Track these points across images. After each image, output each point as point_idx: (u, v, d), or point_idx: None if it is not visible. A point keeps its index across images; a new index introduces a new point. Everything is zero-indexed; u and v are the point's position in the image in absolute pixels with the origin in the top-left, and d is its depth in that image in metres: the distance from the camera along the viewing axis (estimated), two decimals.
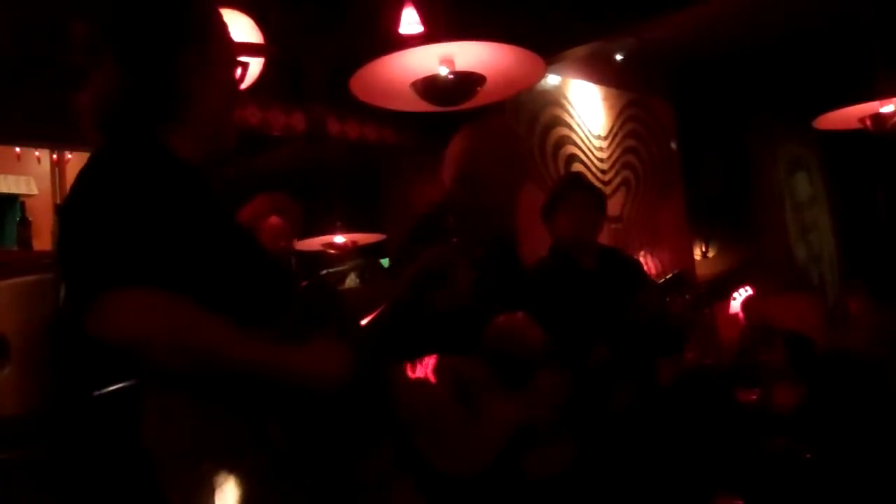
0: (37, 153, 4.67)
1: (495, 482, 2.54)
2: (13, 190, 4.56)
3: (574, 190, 3.49)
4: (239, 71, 1.86)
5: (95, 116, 1.71)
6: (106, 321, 1.46)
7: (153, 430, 1.49)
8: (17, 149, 4.59)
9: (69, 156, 4.69)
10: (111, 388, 1.53)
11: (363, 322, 2.21)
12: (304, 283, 2.07)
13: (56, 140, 4.45)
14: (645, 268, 5.32)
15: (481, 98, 3.82)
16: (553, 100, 6.14)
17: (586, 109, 6.39)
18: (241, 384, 1.55)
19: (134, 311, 1.46)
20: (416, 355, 2.57)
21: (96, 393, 1.56)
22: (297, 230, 3.50)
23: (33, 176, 4.71)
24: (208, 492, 1.51)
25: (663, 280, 3.28)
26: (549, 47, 4.67)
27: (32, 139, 4.41)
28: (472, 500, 2.53)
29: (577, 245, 3.42)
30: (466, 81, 3.67)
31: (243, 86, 3.45)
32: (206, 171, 1.77)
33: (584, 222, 3.43)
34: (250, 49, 2.06)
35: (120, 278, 1.46)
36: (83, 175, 1.65)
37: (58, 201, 4.57)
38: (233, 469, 1.54)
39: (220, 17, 1.82)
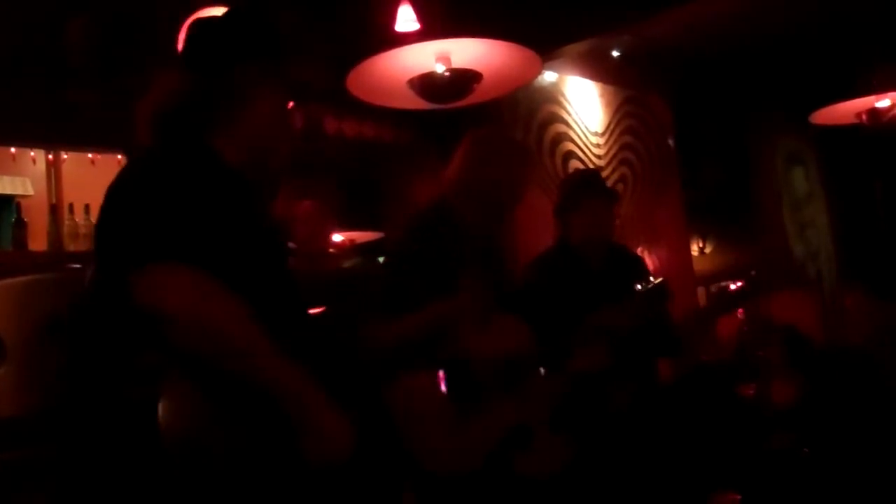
0: (32, 154, 4.64)
1: (490, 482, 2.54)
2: (8, 191, 4.54)
3: (594, 192, 3.43)
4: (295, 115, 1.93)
5: (154, 120, 1.77)
6: (151, 289, 1.49)
7: (170, 420, 1.50)
8: (13, 149, 4.57)
9: (65, 156, 4.67)
10: (132, 388, 1.54)
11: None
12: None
13: (51, 141, 4.44)
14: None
15: (478, 95, 3.82)
16: (550, 96, 6.13)
17: (583, 106, 6.38)
18: (253, 394, 1.55)
19: (175, 283, 1.49)
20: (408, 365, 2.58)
21: (116, 391, 1.57)
22: (331, 216, 3.52)
23: (28, 177, 4.68)
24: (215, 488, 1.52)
25: (644, 289, 3.25)
26: (546, 44, 4.66)
27: (28, 140, 4.39)
28: (467, 500, 2.53)
29: (588, 245, 3.40)
30: (463, 78, 3.67)
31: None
32: (258, 183, 1.83)
33: (601, 226, 3.41)
34: (306, 90, 2.13)
35: (165, 253, 1.51)
36: (137, 163, 1.71)
37: (53, 202, 4.55)
38: (234, 474, 1.54)
39: (286, 46, 1.90)
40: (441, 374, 2.57)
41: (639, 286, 3.19)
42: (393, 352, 2.59)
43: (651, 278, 3.21)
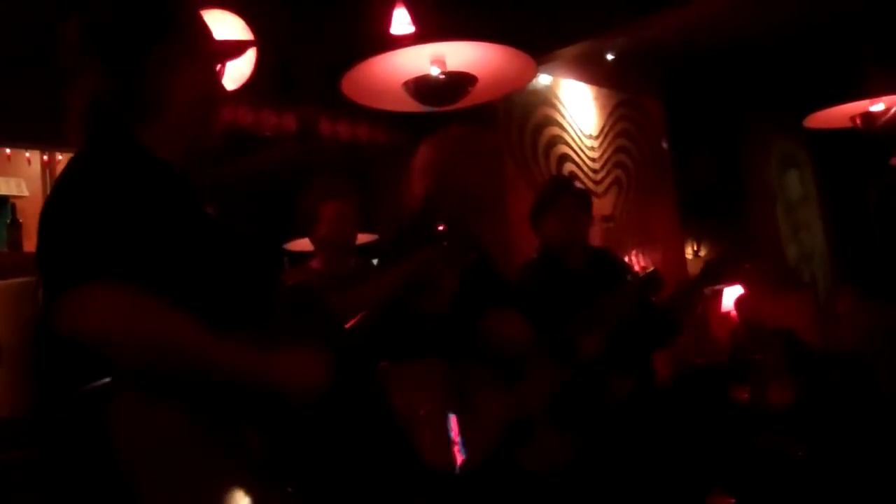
0: (27, 154, 4.65)
1: (493, 478, 2.55)
2: (3, 192, 4.54)
3: (561, 194, 3.49)
4: (218, 68, 1.87)
5: (80, 117, 1.72)
6: (69, 318, 1.46)
7: (124, 436, 1.46)
8: (7, 150, 4.57)
9: (59, 157, 4.68)
10: (84, 389, 1.51)
11: (349, 324, 2.22)
12: (288, 285, 2.07)
13: (46, 141, 4.43)
14: (635, 268, 5.34)
15: (473, 98, 3.82)
16: (544, 99, 6.15)
17: (578, 109, 6.40)
18: (214, 388, 1.53)
19: (96, 307, 1.45)
20: (405, 357, 2.57)
21: (71, 394, 1.54)
22: (359, 216, 3.50)
23: (23, 177, 4.69)
24: (185, 500, 1.48)
25: (637, 279, 3.29)
26: (540, 47, 4.67)
27: (22, 140, 4.39)
28: (470, 496, 2.54)
29: (565, 247, 3.43)
30: (458, 81, 3.67)
31: (234, 82, 3.45)
32: (189, 171, 1.78)
33: (573, 225, 3.44)
34: (232, 46, 2.06)
35: (85, 275, 1.46)
36: (60, 176, 1.66)
37: None
38: (210, 477, 1.52)
39: (193, 15, 1.83)
40: (440, 366, 2.58)
41: (630, 277, 3.22)
42: (380, 308, 2.56)
43: (643, 269, 3.24)
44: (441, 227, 2.57)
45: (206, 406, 1.54)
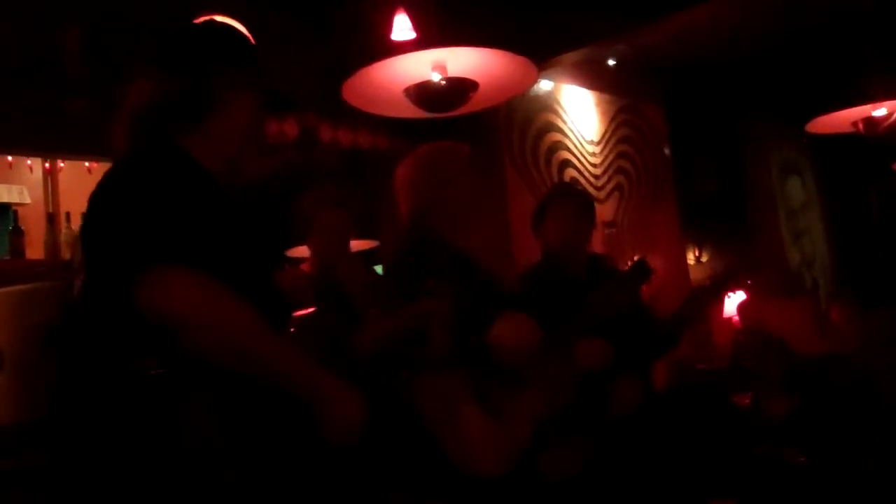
0: (29, 162, 4.65)
1: (514, 483, 2.56)
2: (5, 199, 4.54)
3: (562, 198, 3.50)
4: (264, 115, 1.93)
5: (129, 123, 1.79)
6: (160, 292, 1.50)
7: (189, 422, 1.51)
8: (10, 158, 4.57)
9: (61, 164, 4.67)
10: (142, 375, 1.55)
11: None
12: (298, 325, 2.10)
13: (48, 149, 4.44)
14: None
15: (474, 104, 3.82)
16: (546, 105, 6.15)
17: (579, 115, 6.40)
18: (270, 390, 1.58)
19: (187, 285, 1.51)
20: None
21: (131, 378, 1.57)
22: (355, 223, 3.52)
23: (25, 185, 4.69)
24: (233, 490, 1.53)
25: (625, 271, 3.28)
26: (542, 53, 4.68)
27: (24, 148, 4.39)
28: (493, 500, 2.54)
29: (566, 253, 3.43)
30: (459, 87, 3.67)
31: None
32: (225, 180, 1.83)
33: (573, 230, 3.44)
34: (284, 100, 2.12)
35: (170, 254, 1.52)
36: (119, 168, 1.71)
37: (50, 210, 4.55)
38: (253, 475, 1.56)
39: (262, 57, 1.92)
40: (462, 375, 2.59)
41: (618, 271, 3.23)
42: (375, 355, 2.60)
43: (630, 260, 3.25)
44: (430, 284, 2.60)
45: (257, 407, 1.58)
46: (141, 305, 1.50)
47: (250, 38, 1.93)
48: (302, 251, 3.73)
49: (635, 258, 3.26)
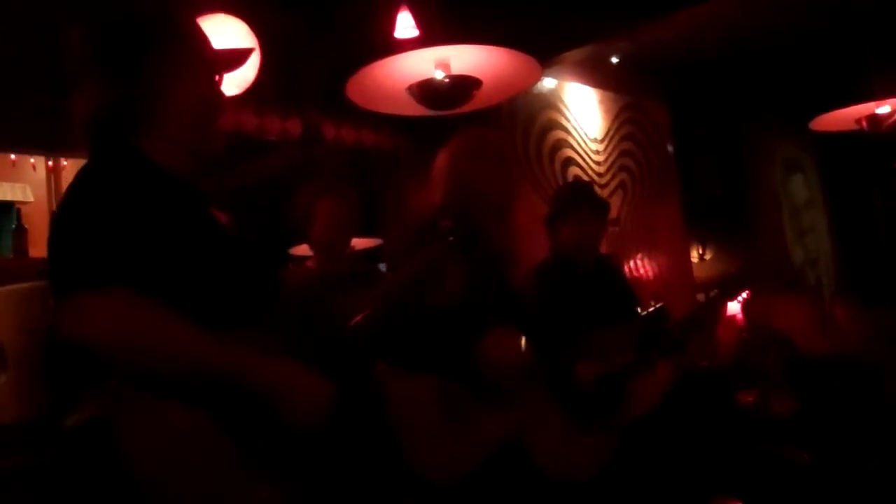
0: (32, 160, 4.66)
1: (500, 488, 2.55)
2: (9, 197, 4.55)
3: (583, 203, 3.50)
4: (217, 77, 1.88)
5: (84, 125, 1.76)
6: (70, 322, 1.50)
7: (132, 438, 1.48)
8: (13, 156, 4.58)
9: (65, 163, 4.68)
10: (91, 391, 1.53)
11: (353, 321, 2.22)
12: (292, 287, 2.06)
13: (51, 147, 4.44)
14: (639, 272, 5.32)
15: (477, 102, 3.82)
16: (549, 103, 6.14)
17: (582, 112, 6.39)
18: (218, 392, 1.55)
19: (95, 312, 1.49)
20: (408, 358, 2.57)
21: (79, 395, 1.56)
22: (355, 215, 3.50)
23: (29, 183, 4.70)
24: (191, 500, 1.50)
25: (645, 314, 3.24)
26: (545, 50, 4.66)
27: (28, 146, 4.40)
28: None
29: (578, 252, 3.44)
30: (462, 85, 3.67)
31: (238, 87, 3.45)
32: (195, 177, 1.81)
33: (590, 234, 3.48)
34: (230, 55, 2.07)
35: (86, 281, 1.50)
36: (70, 186, 1.68)
37: (53, 208, 4.55)
38: (214, 479, 1.54)
39: (192, 27, 1.86)
40: (438, 381, 2.58)
41: (640, 310, 3.21)
42: (386, 305, 2.56)
43: (651, 303, 3.22)
44: (446, 224, 2.57)
45: (210, 408, 1.55)
46: (62, 333, 1.51)
47: (166, 11, 1.85)
48: (306, 249, 3.73)
49: (658, 305, 3.23)
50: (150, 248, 1.56)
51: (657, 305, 3.22)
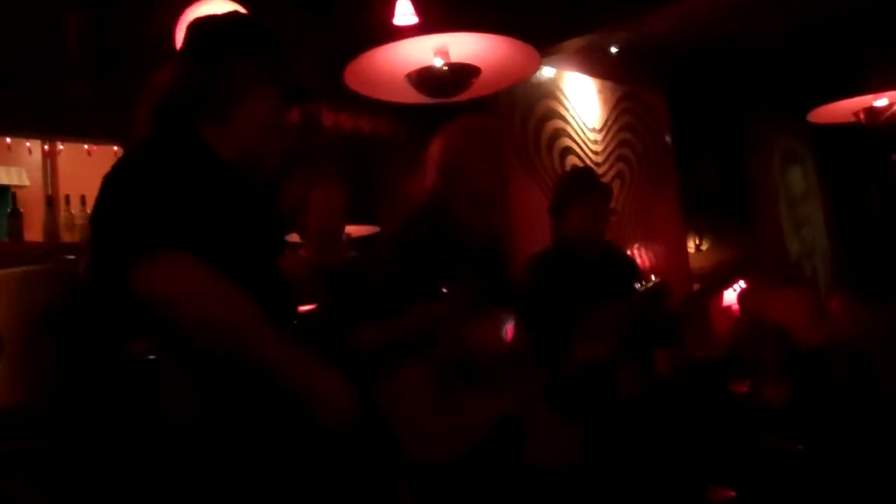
0: (28, 144, 4.63)
1: (497, 476, 2.55)
2: (4, 181, 4.53)
3: (589, 191, 3.48)
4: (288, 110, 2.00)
5: (152, 107, 1.82)
6: (155, 274, 1.52)
7: (175, 409, 1.51)
8: (8, 139, 4.56)
9: (60, 147, 4.66)
10: (130, 361, 1.55)
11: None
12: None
13: (47, 131, 4.42)
14: (637, 262, 5.32)
15: (476, 90, 3.81)
16: (548, 92, 6.13)
17: (581, 102, 6.38)
18: (258, 379, 1.58)
19: (183, 270, 1.53)
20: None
21: (118, 365, 1.57)
22: (347, 203, 3.50)
23: (24, 167, 4.67)
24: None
25: (644, 288, 3.26)
26: (544, 39, 4.65)
27: (24, 130, 4.38)
28: (459, 492, 2.55)
29: (582, 240, 3.43)
30: (461, 73, 3.66)
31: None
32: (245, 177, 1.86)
33: (596, 221, 3.45)
34: (305, 91, 2.13)
35: (173, 239, 1.54)
36: (135, 152, 1.73)
37: (49, 193, 4.54)
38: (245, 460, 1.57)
39: (284, 53, 1.94)
40: (426, 370, 2.59)
41: (638, 285, 3.21)
42: (379, 353, 2.60)
43: (652, 277, 3.22)
44: (444, 290, 2.59)
45: (243, 393, 1.59)
46: (136, 288, 1.52)
47: (273, 32, 1.94)
48: (293, 238, 3.72)
49: (658, 280, 3.23)
50: (205, 226, 1.61)
51: (656, 281, 3.23)
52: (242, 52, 1.84)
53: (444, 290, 2.59)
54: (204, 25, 1.90)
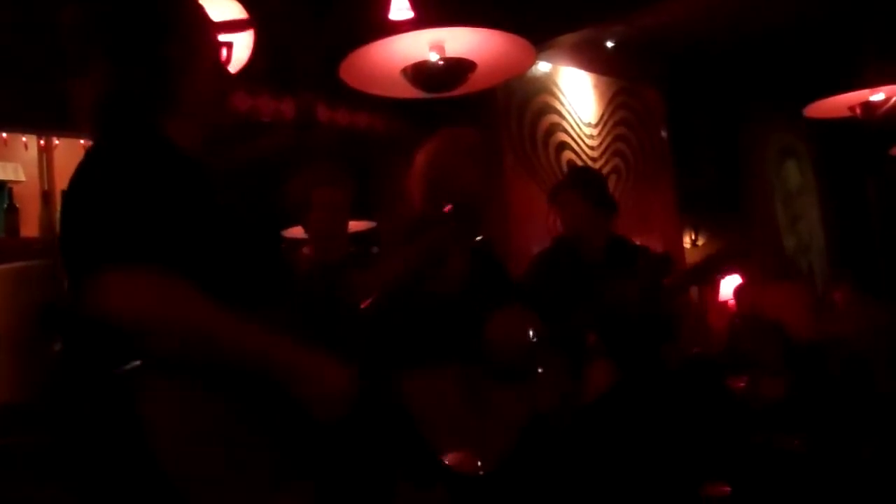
0: (24, 139, 4.63)
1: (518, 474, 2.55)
2: (0, 177, 4.53)
3: (564, 190, 3.49)
4: (224, 52, 1.87)
5: (92, 110, 1.73)
6: (101, 299, 1.46)
7: (157, 422, 1.48)
8: (4, 135, 4.56)
9: (56, 142, 4.66)
10: (114, 372, 1.52)
11: (362, 306, 2.21)
12: (306, 276, 2.06)
13: (44, 126, 4.42)
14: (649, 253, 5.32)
15: (472, 84, 3.80)
16: (544, 87, 6.13)
17: (577, 97, 6.38)
18: (242, 379, 1.54)
19: (129, 289, 1.46)
20: (417, 353, 2.57)
21: (101, 377, 1.55)
22: (350, 201, 3.50)
23: (20, 162, 4.67)
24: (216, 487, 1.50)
25: (648, 262, 3.27)
26: (540, 34, 4.66)
27: (20, 125, 4.38)
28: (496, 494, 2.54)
29: (578, 240, 3.42)
30: (457, 68, 3.65)
31: (231, 67, 3.44)
32: (206, 159, 1.79)
33: (579, 220, 3.43)
34: (231, 26, 2.07)
35: (118, 256, 1.47)
36: (85, 162, 1.66)
37: (45, 188, 4.54)
38: (239, 467, 1.53)
39: (195, 9, 1.84)
40: (454, 372, 2.58)
41: (641, 260, 3.21)
42: (391, 291, 2.56)
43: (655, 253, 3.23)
44: (447, 208, 2.57)
45: (235, 395, 1.55)
46: (90, 311, 1.47)
47: None
48: (297, 232, 3.72)
49: (662, 254, 3.24)
50: (172, 227, 1.54)
51: (661, 254, 3.23)
52: (165, 28, 1.74)
53: (447, 211, 2.58)
54: (120, 15, 1.75)
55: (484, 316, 2.63)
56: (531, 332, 2.68)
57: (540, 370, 2.70)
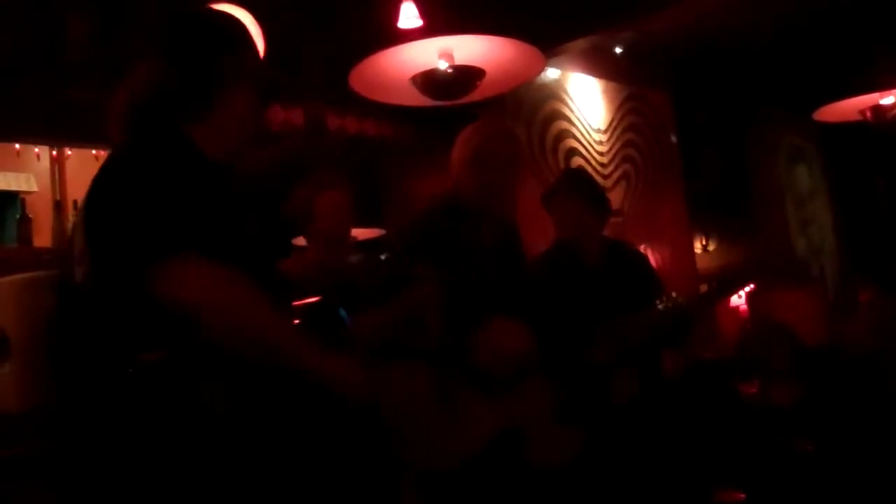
0: (36, 150, 4.66)
1: (499, 474, 2.55)
2: (13, 187, 4.56)
3: (557, 193, 3.47)
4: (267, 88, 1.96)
5: (129, 111, 1.80)
6: (176, 281, 1.54)
7: (202, 410, 1.56)
8: (17, 145, 4.58)
9: (69, 152, 4.68)
10: (142, 363, 1.57)
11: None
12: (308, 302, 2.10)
13: (55, 137, 4.44)
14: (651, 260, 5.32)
15: (481, 92, 3.81)
16: (553, 93, 6.13)
17: (586, 103, 6.38)
18: (277, 375, 1.63)
19: (202, 274, 1.55)
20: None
21: (131, 367, 1.59)
22: (353, 207, 3.53)
23: (33, 173, 4.70)
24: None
25: (666, 310, 3.21)
26: (549, 40, 4.66)
27: (32, 136, 4.40)
28: (476, 492, 2.55)
29: (575, 243, 3.41)
30: (466, 75, 3.66)
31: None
32: (229, 170, 1.88)
33: (575, 223, 3.40)
34: (279, 84, 2.14)
35: (184, 245, 1.56)
36: (122, 155, 1.73)
37: (57, 198, 4.56)
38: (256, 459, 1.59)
39: (256, 40, 1.97)
40: (429, 370, 2.59)
41: (660, 304, 3.17)
42: (373, 344, 2.61)
43: (673, 294, 3.20)
44: (421, 271, 2.60)
45: (263, 393, 1.63)
46: (158, 296, 1.53)
47: (251, 27, 1.96)
48: (302, 241, 3.74)
49: (683, 308, 3.21)
50: (200, 226, 1.61)
51: (679, 301, 3.18)
52: (221, 49, 1.84)
53: (422, 273, 2.61)
54: (187, 21, 1.90)
55: (485, 316, 2.65)
56: (519, 347, 2.69)
57: (518, 385, 2.69)
